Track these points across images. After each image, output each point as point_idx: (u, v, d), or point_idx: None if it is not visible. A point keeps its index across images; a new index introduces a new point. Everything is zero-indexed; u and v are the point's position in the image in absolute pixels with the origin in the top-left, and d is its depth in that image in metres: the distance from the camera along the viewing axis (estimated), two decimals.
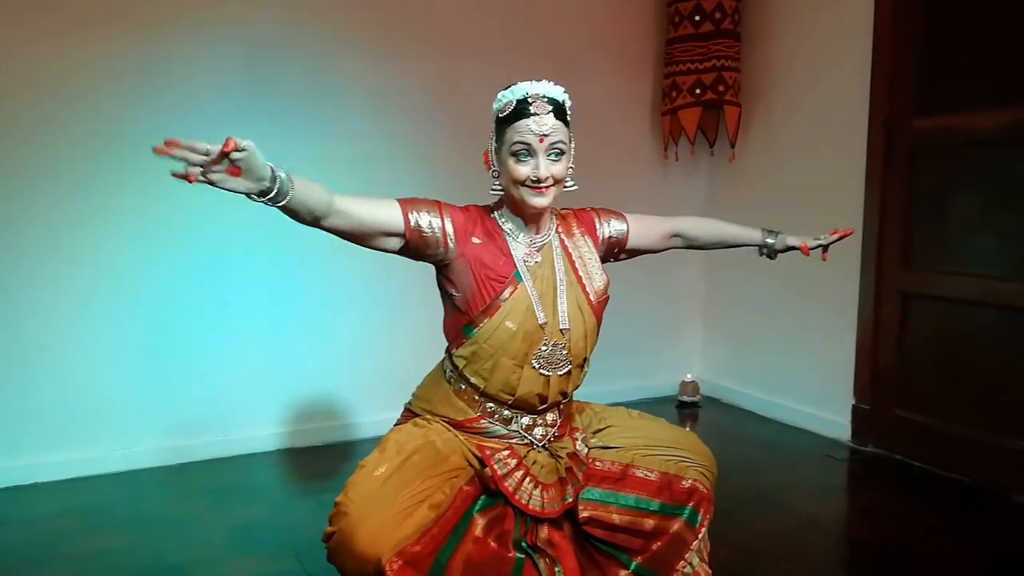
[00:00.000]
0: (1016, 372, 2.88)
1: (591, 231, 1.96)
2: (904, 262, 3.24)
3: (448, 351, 1.87)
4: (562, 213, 1.96)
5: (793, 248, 2.09)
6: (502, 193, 1.82)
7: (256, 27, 3.18)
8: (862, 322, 3.40)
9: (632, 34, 3.98)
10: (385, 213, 1.71)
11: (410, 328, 3.46)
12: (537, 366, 1.78)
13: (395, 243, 1.74)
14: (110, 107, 2.97)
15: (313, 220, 1.60)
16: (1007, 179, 2.92)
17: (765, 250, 2.13)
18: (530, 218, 1.82)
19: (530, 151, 1.72)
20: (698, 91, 3.73)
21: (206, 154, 1.34)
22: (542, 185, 1.72)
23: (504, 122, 1.75)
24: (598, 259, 1.93)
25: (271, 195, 1.46)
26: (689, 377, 4.16)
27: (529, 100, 1.72)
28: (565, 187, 1.80)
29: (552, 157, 1.73)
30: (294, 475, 3.17)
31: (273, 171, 1.46)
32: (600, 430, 1.98)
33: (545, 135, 1.71)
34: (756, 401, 3.97)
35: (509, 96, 1.76)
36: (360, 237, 1.70)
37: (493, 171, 1.81)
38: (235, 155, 1.36)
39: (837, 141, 3.49)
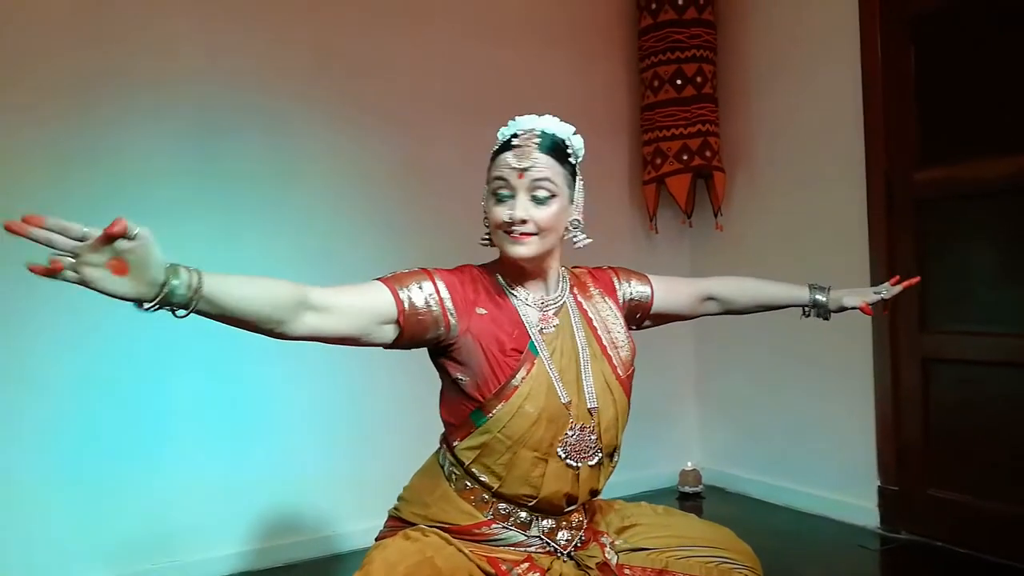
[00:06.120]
0: None
1: (610, 291, 1.68)
2: (921, 324, 3.01)
3: (447, 442, 1.53)
4: (574, 271, 1.69)
5: (851, 308, 1.83)
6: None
7: (206, 95, 2.92)
8: (880, 392, 3.12)
9: (603, 102, 3.82)
10: (371, 299, 1.38)
11: (391, 416, 3.15)
12: (563, 455, 1.46)
13: (388, 333, 1.41)
14: (33, 183, 2.65)
15: (268, 329, 1.24)
16: (1021, 229, 2.73)
17: (814, 310, 1.85)
18: (528, 274, 1.53)
19: (510, 189, 1.44)
20: (685, 157, 3.55)
21: (82, 239, 0.98)
22: (520, 231, 1.43)
23: (491, 159, 1.50)
24: (623, 323, 1.64)
25: (169, 302, 1.07)
26: (689, 465, 3.83)
27: (519, 133, 1.47)
28: (574, 242, 1.53)
29: (537, 197, 1.44)
30: None
31: (168, 277, 1.06)
32: (625, 528, 1.66)
33: (524, 170, 1.43)
34: (766, 488, 3.63)
35: (504, 131, 1.52)
36: (347, 338, 1.36)
37: (485, 220, 1.54)
38: (122, 244, 0.99)
39: (833, 200, 3.30)
